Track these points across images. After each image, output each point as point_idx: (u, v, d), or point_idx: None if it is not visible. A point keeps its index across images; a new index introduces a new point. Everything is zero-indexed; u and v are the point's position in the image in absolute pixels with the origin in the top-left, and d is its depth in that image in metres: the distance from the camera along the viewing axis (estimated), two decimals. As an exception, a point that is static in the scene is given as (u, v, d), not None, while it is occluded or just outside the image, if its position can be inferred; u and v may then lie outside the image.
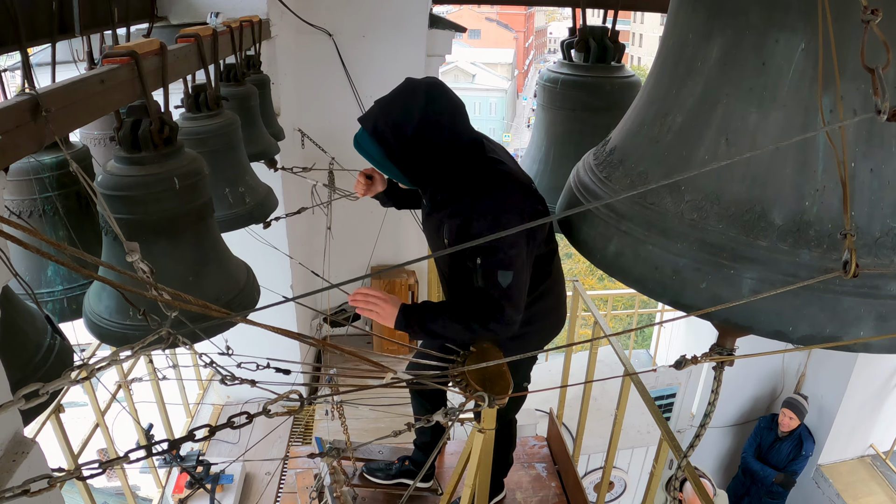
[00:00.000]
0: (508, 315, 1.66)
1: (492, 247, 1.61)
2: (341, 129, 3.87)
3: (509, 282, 1.63)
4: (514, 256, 1.65)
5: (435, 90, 1.65)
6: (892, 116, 0.85)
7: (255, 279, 1.81)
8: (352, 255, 4.02)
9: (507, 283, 1.63)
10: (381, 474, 2.74)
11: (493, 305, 1.65)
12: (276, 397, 1.06)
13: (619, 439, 2.54)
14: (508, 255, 1.63)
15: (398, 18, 3.76)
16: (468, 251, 1.64)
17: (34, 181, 1.72)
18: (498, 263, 1.63)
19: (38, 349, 1.31)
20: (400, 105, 1.64)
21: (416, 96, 1.62)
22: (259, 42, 2.80)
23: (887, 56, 0.87)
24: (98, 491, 5.19)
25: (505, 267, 1.63)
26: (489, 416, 1.54)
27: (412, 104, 1.62)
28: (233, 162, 2.18)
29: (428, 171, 1.71)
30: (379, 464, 2.75)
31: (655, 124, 1.51)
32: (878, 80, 0.86)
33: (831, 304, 1.23)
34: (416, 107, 1.61)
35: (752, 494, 4.84)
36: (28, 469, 1.00)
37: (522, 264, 1.68)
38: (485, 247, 1.61)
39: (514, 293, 1.66)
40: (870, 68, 0.87)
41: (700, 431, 1.52)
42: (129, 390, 2.88)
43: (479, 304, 1.67)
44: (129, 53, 1.51)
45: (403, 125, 1.61)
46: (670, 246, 1.37)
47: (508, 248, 1.63)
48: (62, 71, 1.80)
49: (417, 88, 1.64)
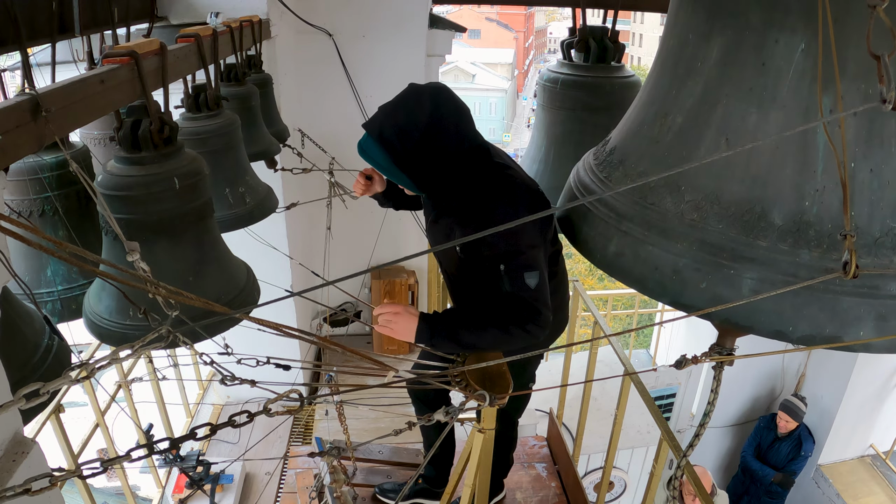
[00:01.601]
0: (545, 316, 1.64)
1: (513, 251, 1.61)
2: (341, 129, 3.88)
3: (536, 282, 1.63)
4: (535, 257, 1.64)
5: (440, 95, 1.65)
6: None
7: (255, 279, 1.81)
8: (352, 255, 4.01)
9: (535, 284, 1.62)
10: (393, 495, 2.72)
11: (528, 308, 1.63)
12: (277, 396, 1.06)
13: (619, 439, 2.55)
14: (530, 256, 1.63)
15: (398, 18, 3.76)
16: (487, 260, 1.63)
17: (34, 181, 1.71)
18: (523, 266, 1.62)
19: (37, 349, 1.31)
20: (405, 110, 1.63)
21: (422, 101, 1.62)
22: (259, 42, 2.80)
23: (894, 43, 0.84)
24: (98, 491, 5.19)
25: (530, 268, 1.62)
26: (489, 416, 1.54)
27: (418, 109, 1.61)
28: (233, 162, 2.18)
29: (435, 177, 1.70)
30: (392, 484, 2.73)
31: (655, 124, 1.51)
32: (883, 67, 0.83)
33: (831, 304, 1.23)
34: (422, 112, 1.61)
35: (751, 494, 4.84)
36: (28, 469, 1.00)
37: (543, 264, 1.68)
38: (506, 252, 1.60)
39: (543, 293, 1.65)
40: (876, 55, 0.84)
41: (700, 431, 1.52)
42: (128, 390, 2.88)
43: (513, 308, 1.64)
44: (129, 53, 1.51)
45: (409, 130, 1.60)
46: (670, 246, 1.37)
47: (528, 249, 1.63)
48: (62, 71, 1.80)
49: (423, 93, 1.64)
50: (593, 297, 3.13)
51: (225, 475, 3.15)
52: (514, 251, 1.61)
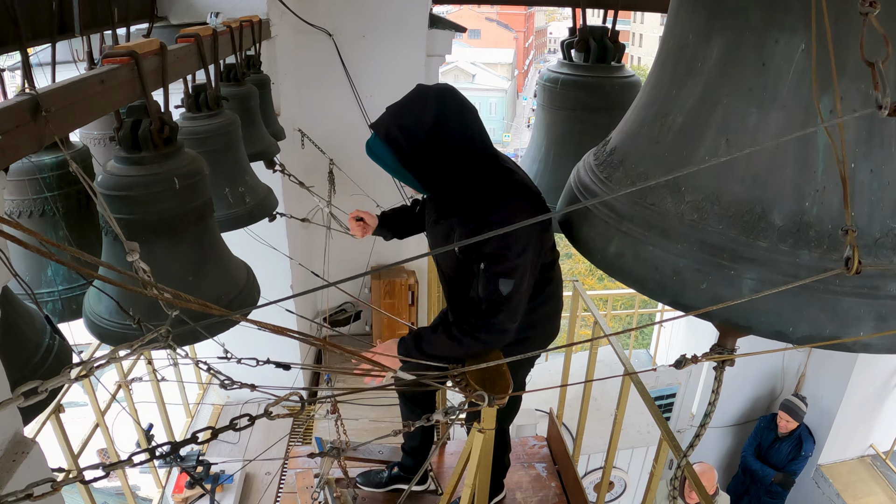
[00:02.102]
0: (500, 321, 1.64)
1: (499, 255, 1.61)
2: (341, 129, 3.88)
3: (510, 290, 1.63)
4: (518, 266, 1.64)
5: (446, 96, 1.66)
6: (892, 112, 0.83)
7: (255, 279, 1.81)
8: (351, 255, 4.02)
9: (507, 292, 1.63)
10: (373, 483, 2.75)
11: (485, 313, 1.64)
12: (277, 399, 1.05)
13: (619, 439, 2.54)
14: (514, 263, 1.63)
15: (398, 18, 3.76)
16: (473, 256, 1.64)
17: (34, 181, 1.71)
18: (502, 272, 1.62)
19: (37, 349, 1.31)
20: (411, 111, 1.64)
21: (428, 102, 1.63)
22: (259, 42, 2.80)
23: (887, 50, 0.85)
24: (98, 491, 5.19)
25: (507, 276, 1.62)
26: (489, 416, 1.54)
27: (423, 110, 1.62)
28: (233, 162, 2.18)
29: (441, 177, 1.70)
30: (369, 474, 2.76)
31: (655, 125, 1.51)
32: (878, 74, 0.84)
33: (831, 304, 1.23)
34: (428, 112, 1.62)
35: (751, 494, 4.85)
36: (28, 469, 1.00)
37: (524, 273, 1.67)
38: (491, 253, 1.61)
39: (512, 301, 1.65)
40: (869, 62, 0.86)
41: (700, 431, 1.52)
42: (128, 390, 2.88)
43: (474, 312, 1.65)
44: (129, 53, 1.51)
45: (415, 130, 1.62)
46: (671, 247, 1.37)
47: (516, 256, 1.63)
48: (62, 71, 1.81)
49: (429, 94, 1.65)
50: (593, 297, 3.13)
51: (225, 475, 3.16)
52: (500, 255, 1.61)
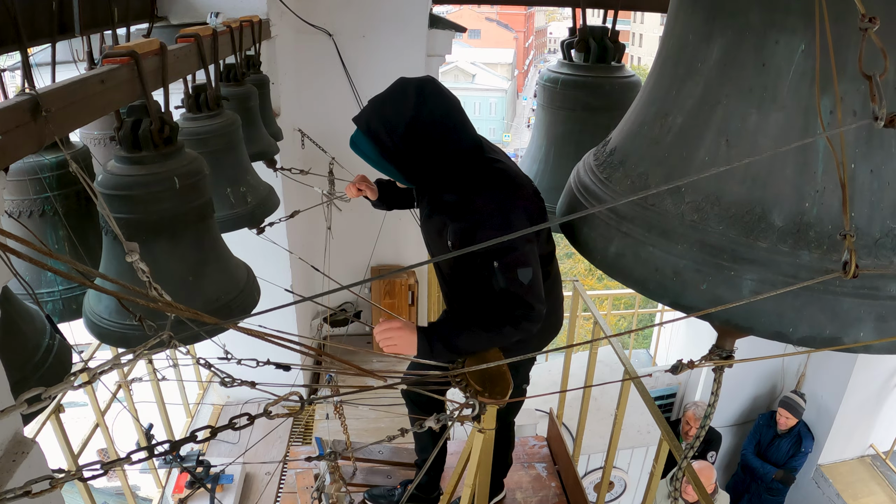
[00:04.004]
0: (538, 310, 1.66)
1: (507, 247, 1.60)
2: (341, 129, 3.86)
3: (530, 278, 1.64)
4: (528, 252, 1.65)
5: (427, 88, 1.65)
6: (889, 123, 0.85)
7: (255, 280, 1.81)
8: (352, 255, 4.02)
9: (528, 280, 1.63)
10: (383, 501, 2.72)
11: (520, 304, 1.64)
12: (277, 399, 1.06)
13: (619, 439, 2.54)
14: (524, 251, 1.64)
15: (398, 18, 3.76)
16: (480, 256, 1.63)
17: (34, 181, 1.71)
18: (516, 262, 1.63)
19: (38, 349, 1.31)
20: (392, 103, 1.64)
21: (408, 93, 1.63)
22: (259, 42, 2.80)
23: (885, 63, 0.87)
24: (98, 491, 5.19)
25: (523, 264, 1.63)
26: (489, 416, 1.54)
27: (403, 102, 1.62)
28: (234, 162, 2.18)
29: (424, 169, 1.70)
30: (381, 490, 2.73)
31: (655, 125, 1.51)
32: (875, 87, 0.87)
33: (831, 305, 1.23)
34: (408, 104, 1.61)
35: (751, 492, 4.84)
36: (28, 469, 1.00)
37: (537, 259, 1.69)
38: (499, 248, 1.60)
39: (536, 288, 1.66)
40: (867, 75, 0.88)
41: (700, 432, 1.52)
42: (129, 390, 2.88)
43: (505, 306, 1.65)
44: (129, 53, 1.51)
45: (396, 122, 1.62)
46: (671, 247, 1.37)
47: (523, 245, 1.63)
48: (62, 71, 1.80)
49: (408, 86, 1.65)
50: (593, 297, 3.13)
51: (225, 475, 3.16)
52: (508, 247, 1.61)
